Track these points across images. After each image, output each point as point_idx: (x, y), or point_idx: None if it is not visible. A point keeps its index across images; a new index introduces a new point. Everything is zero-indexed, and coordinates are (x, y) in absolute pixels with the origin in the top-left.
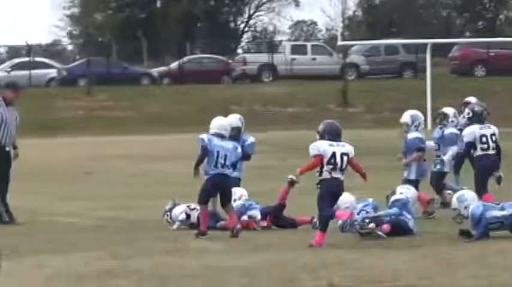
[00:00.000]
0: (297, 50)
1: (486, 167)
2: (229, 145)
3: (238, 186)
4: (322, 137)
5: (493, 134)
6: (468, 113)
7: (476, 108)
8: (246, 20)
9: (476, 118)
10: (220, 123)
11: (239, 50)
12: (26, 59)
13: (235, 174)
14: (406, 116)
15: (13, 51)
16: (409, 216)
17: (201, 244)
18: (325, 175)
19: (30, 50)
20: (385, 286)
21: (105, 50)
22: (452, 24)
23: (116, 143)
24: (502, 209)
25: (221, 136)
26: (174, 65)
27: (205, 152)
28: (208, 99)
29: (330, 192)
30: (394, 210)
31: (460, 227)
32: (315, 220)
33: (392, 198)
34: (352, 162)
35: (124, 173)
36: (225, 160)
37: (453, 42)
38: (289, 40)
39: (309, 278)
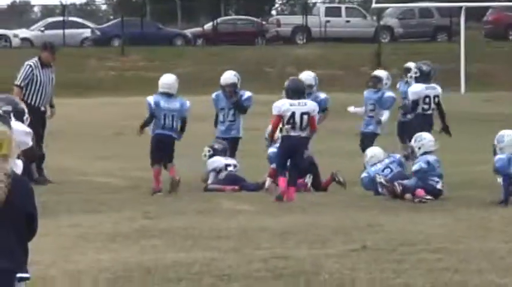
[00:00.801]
0: (331, 12)
1: (421, 127)
2: (176, 104)
3: (237, 145)
4: (287, 93)
5: (436, 96)
6: (416, 72)
7: (424, 68)
8: None
9: (424, 77)
10: (164, 81)
11: (273, 12)
12: (60, 18)
13: (233, 133)
14: (309, 78)
15: (47, 11)
16: (436, 179)
17: (233, 205)
18: (284, 132)
19: (64, 9)
20: (418, 248)
21: (139, 10)
22: None
23: None
24: None
25: (168, 95)
26: (208, 26)
27: (152, 116)
28: (242, 60)
29: (286, 148)
30: (414, 180)
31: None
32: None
33: (413, 168)
34: (311, 120)
35: None
36: (172, 120)
37: (487, 6)
38: (323, 2)
39: (341, 241)
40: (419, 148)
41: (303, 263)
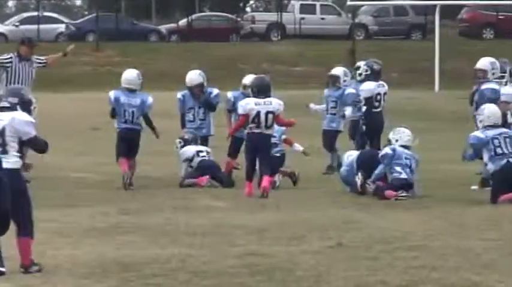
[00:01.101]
0: (306, 9)
1: (373, 125)
2: (137, 100)
3: (207, 142)
4: (252, 91)
5: (385, 93)
6: (366, 71)
7: (374, 66)
8: None
9: (374, 75)
10: (126, 77)
11: (248, 9)
12: (35, 13)
13: (204, 131)
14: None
15: (22, 6)
16: (399, 169)
17: (209, 202)
18: (249, 129)
19: (39, 4)
20: (394, 246)
21: (114, 6)
22: None
23: None
24: None
25: (130, 90)
26: (182, 22)
27: (114, 110)
28: (216, 57)
29: (250, 145)
30: (381, 167)
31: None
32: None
33: (381, 153)
34: (277, 119)
35: None
36: (132, 116)
37: (462, 4)
38: None
39: (317, 238)
40: (397, 141)
41: (278, 260)
